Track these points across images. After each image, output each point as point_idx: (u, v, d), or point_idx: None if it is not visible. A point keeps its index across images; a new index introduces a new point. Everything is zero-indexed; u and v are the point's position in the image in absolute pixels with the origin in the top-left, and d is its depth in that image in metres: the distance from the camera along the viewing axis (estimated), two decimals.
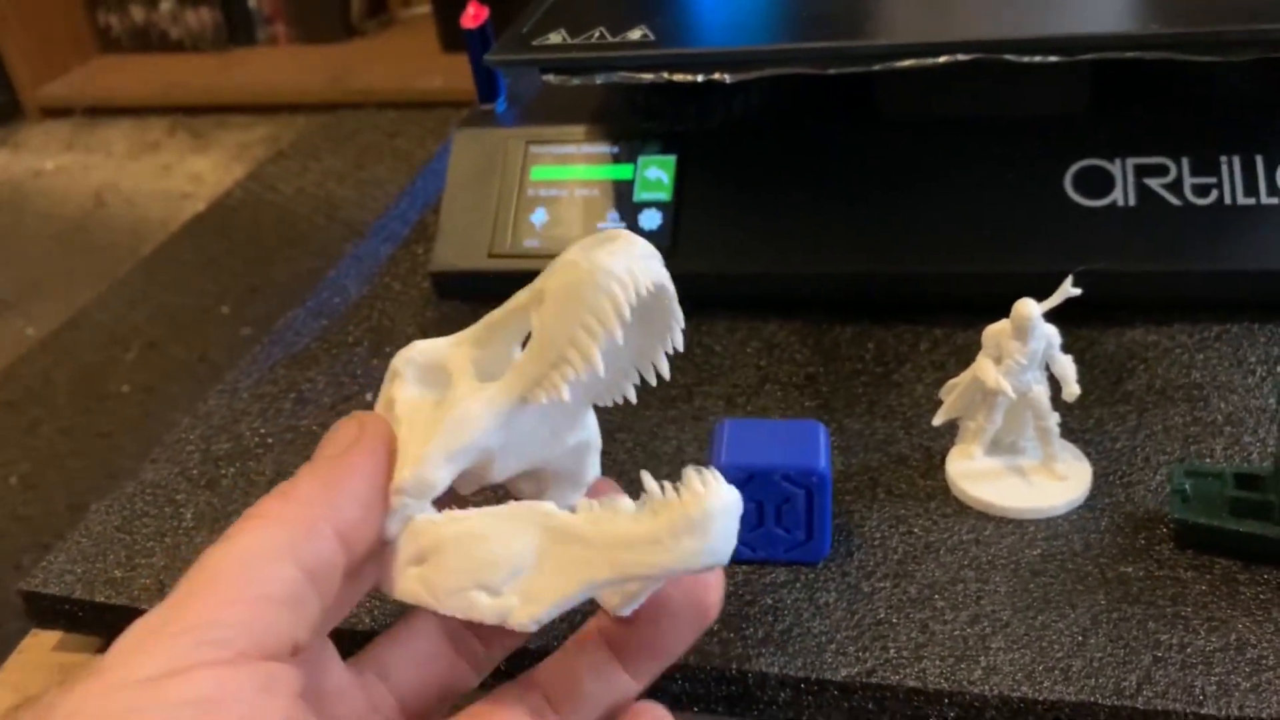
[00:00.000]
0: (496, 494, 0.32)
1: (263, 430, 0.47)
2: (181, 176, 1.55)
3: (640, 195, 0.54)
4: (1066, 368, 0.38)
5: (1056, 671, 0.32)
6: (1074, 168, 0.49)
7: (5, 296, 1.55)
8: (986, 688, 0.32)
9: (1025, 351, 0.37)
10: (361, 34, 2.28)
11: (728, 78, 0.47)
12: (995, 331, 0.38)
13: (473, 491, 0.31)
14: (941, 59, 0.44)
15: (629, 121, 0.55)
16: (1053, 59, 0.44)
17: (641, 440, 0.44)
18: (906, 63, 0.44)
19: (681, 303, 0.51)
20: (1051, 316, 0.38)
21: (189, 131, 1.86)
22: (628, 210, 0.53)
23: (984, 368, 0.38)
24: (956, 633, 0.34)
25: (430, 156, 0.76)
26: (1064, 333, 0.47)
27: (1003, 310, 0.48)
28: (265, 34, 2.29)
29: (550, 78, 0.50)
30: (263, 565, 0.25)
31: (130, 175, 1.67)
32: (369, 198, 1.46)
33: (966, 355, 0.47)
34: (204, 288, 0.91)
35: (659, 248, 0.51)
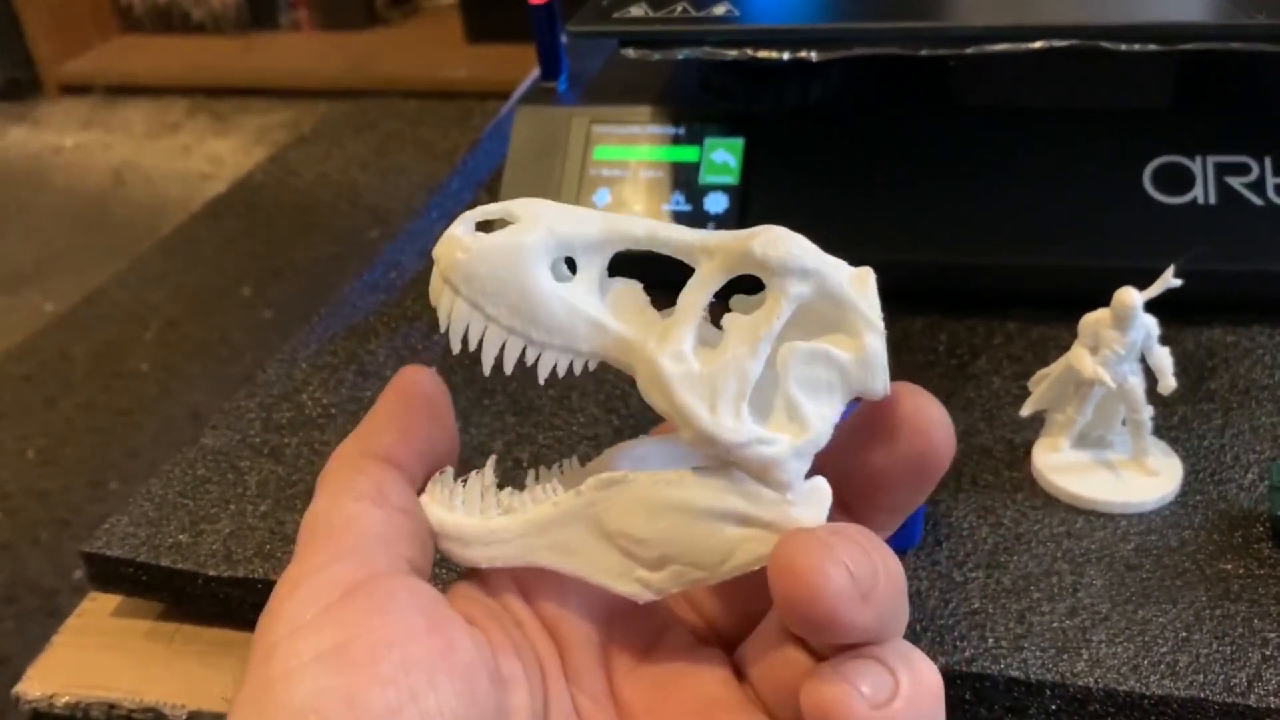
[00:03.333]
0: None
1: (325, 400, 0.46)
2: (201, 157, 1.54)
3: (706, 178, 0.53)
4: (1164, 360, 0.37)
5: (1163, 666, 0.31)
6: (1153, 164, 0.49)
7: (23, 271, 1.54)
8: (1091, 680, 0.31)
9: (1124, 342, 0.37)
10: (385, 22, 2.27)
11: (814, 56, 0.46)
12: (1093, 321, 0.37)
13: None
14: (1037, 44, 0.43)
15: (696, 102, 0.55)
16: (1150, 48, 0.43)
17: None
18: (1000, 46, 0.44)
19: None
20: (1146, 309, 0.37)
21: (209, 113, 1.85)
22: (693, 193, 0.53)
23: (1080, 357, 0.37)
24: (1055, 624, 0.33)
25: (455, 147, 0.75)
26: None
27: (1076, 305, 0.47)
28: (288, 19, 2.28)
29: (630, 51, 0.49)
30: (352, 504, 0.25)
31: (150, 155, 1.67)
32: (392, 185, 1.45)
33: (1042, 350, 0.46)
34: (223, 269, 0.90)
35: None
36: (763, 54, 0.47)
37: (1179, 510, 0.37)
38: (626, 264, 0.26)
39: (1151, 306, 0.37)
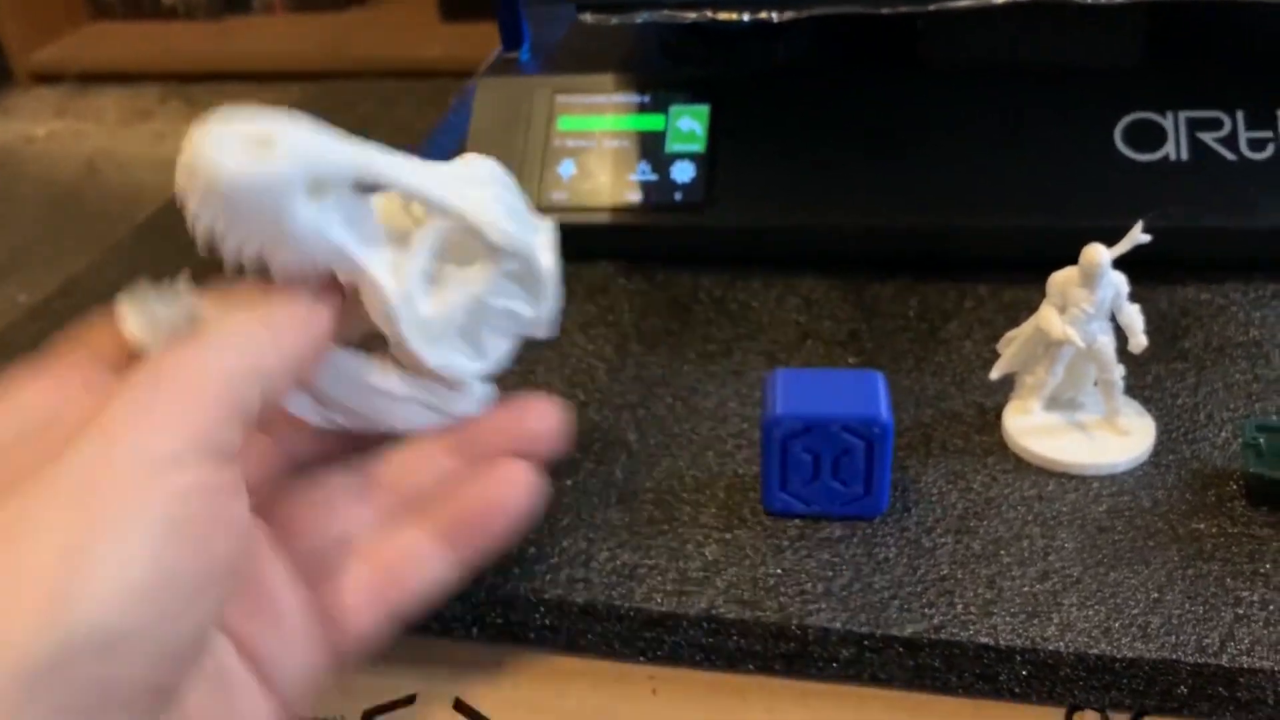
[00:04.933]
0: None
1: None
2: (175, 144, 1.49)
3: (672, 146, 0.52)
4: (1134, 318, 0.37)
5: (1134, 628, 0.31)
6: (1124, 121, 0.48)
7: None
8: (1062, 644, 0.30)
9: (1093, 300, 0.36)
10: (359, 3, 2.24)
11: (775, 16, 0.45)
12: (1061, 279, 0.37)
13: None
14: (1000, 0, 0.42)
15: (660, 69, 0.53)
16: (1119, 1, 0.42)
17: (681, 395, 0.43)
18: (963, 2, 0.43)
19: (715, 257, 0.50)
20: (1115, 267, 0.36)
21: (183, 99, 1.83)
22: (659, 162, 0.52)
23: (1048, 317, 0.37)
24: (1026, 589, 0.32)
25: (430, 126, 0.74)
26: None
27: (1048, 267, 0.46)
28: (260, 2, 2.26)
29: (587, 16, 0.48)
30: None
31: (123, 142, 1.64)
32: None
33: (1014, 313, 0.46)
34: (199, 256, 0.88)
35: (691, 201, 0.50)
36: (722, 15, 0.46)
37: (1152, 470, 0.37)
38: None
39: (1123, 265, 0.36)
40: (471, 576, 0.34)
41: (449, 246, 0.32)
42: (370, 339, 0.32)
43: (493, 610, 0.34)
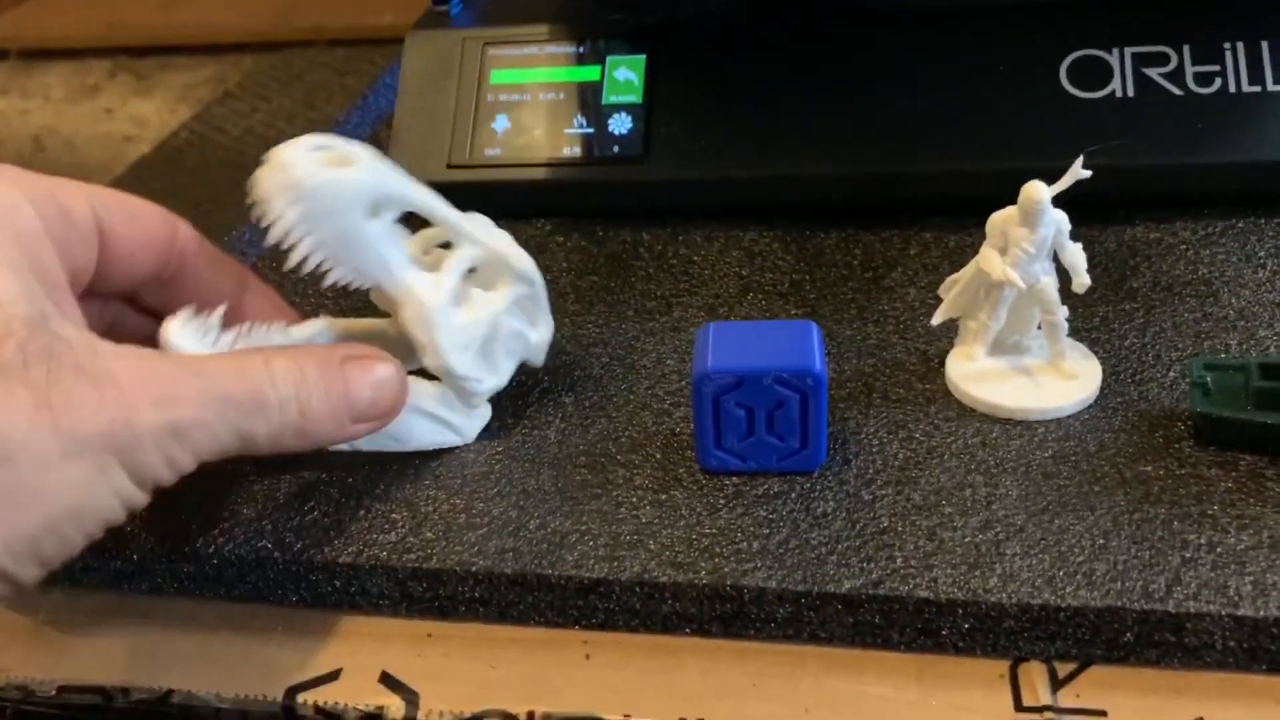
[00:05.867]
0: None
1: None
2: (124, 119, 1.47)
3: (609, 98, 0.50)
4: (1077, 256, 0.36)
5: (1079, 576, 0.30)
6: (1069, 58, 0.47)
7: None
8: (1004, 595, 0.29)
9: (1033, 239, 0.35)
10: None
11: None
12: (1000, 219, 0.35)
13: None
14: None
15: (595, 18, 0.52)
16: None
17: (619, 354, 0.41)
18: None
19: (655, 210, 0.49)
20: (1056, 205, 0.35)
21: (131, 73, 1.77)
22: (595, 115, 0.50)
23: (989, 259, 0.35)
24: (968, 539, 0.31)
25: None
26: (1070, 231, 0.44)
27: (996, 210, 0.45)
28: None
29: None
30: None
31: (70, 119, 1.59)
32: None
33: (960, 258, 0.44)
34: None
35: (630, 154, 0.49)
36: None
37: (1099, 414, 0.36)
38: None
39: (1070, 205, 0.35)
40: (398, 550, 0.33)
41: (475, 275, 0.37)
42: None
43: (419, 584, 0.33)
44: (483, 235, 0.37)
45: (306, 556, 0.33)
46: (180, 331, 0.33)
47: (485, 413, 0.38)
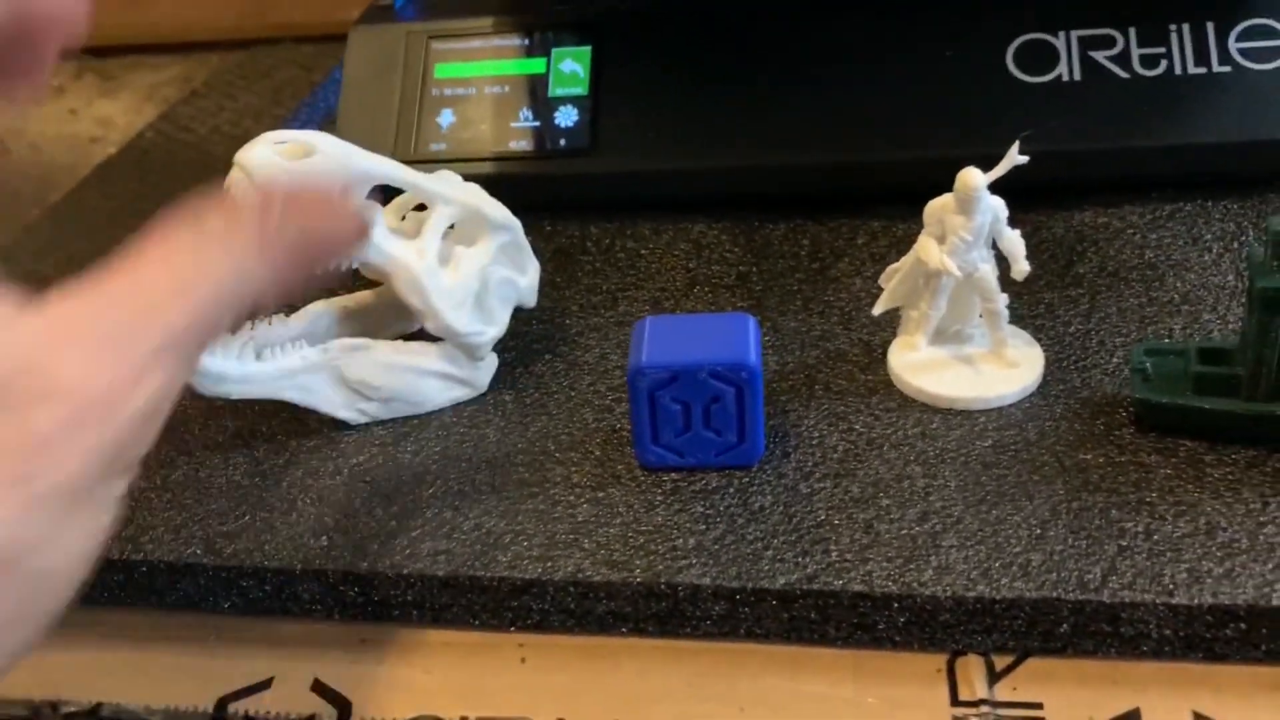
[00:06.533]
0: None
1: None
2: (89, 120, 1.46)
3: (555, 91, 0.50)
4: (1015, 243, 0.35)
5: (1015, 567, 0.29)
6: (1016, 43, 0.46)
7: None
8: (939, 588, 0.29)
9: (971, 227, 0.34)
10: None
11: None
12: (938, 207, 0.35)
13: None
14: None
15: (539, 10, 0.51)
16: None
17: (562, 350, 0.41)
18: None
19: (603, 204, 0.48)
20: (996, 193, 0.35)
21: (97, 74, 1.75)
22: (541, 108, 0.49)
23: (927, 247, 0.35)
24: (905, 532, 0.31)
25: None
26: (1009, 218, 0.44)
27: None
28: None
29: None
30: None
31: (34, 121, 1.57)
32: None
33: (907, 246, 0.44)
34: (116, 234, 0.84)
35: (577, 147, 0.48)
36: None
37: (1040, 402, 0.35)
38: None
39: (1018, 192, 0.35)
40: (329, 554, 0.33)
41: (453, 232, 0.38)
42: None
43: (351, 588, 0.32)
44: (454, 192, 0.38)
45: (237, 562, 0.33)
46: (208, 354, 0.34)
47: (492, 361, 0.39)
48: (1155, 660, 0.29)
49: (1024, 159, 0.34)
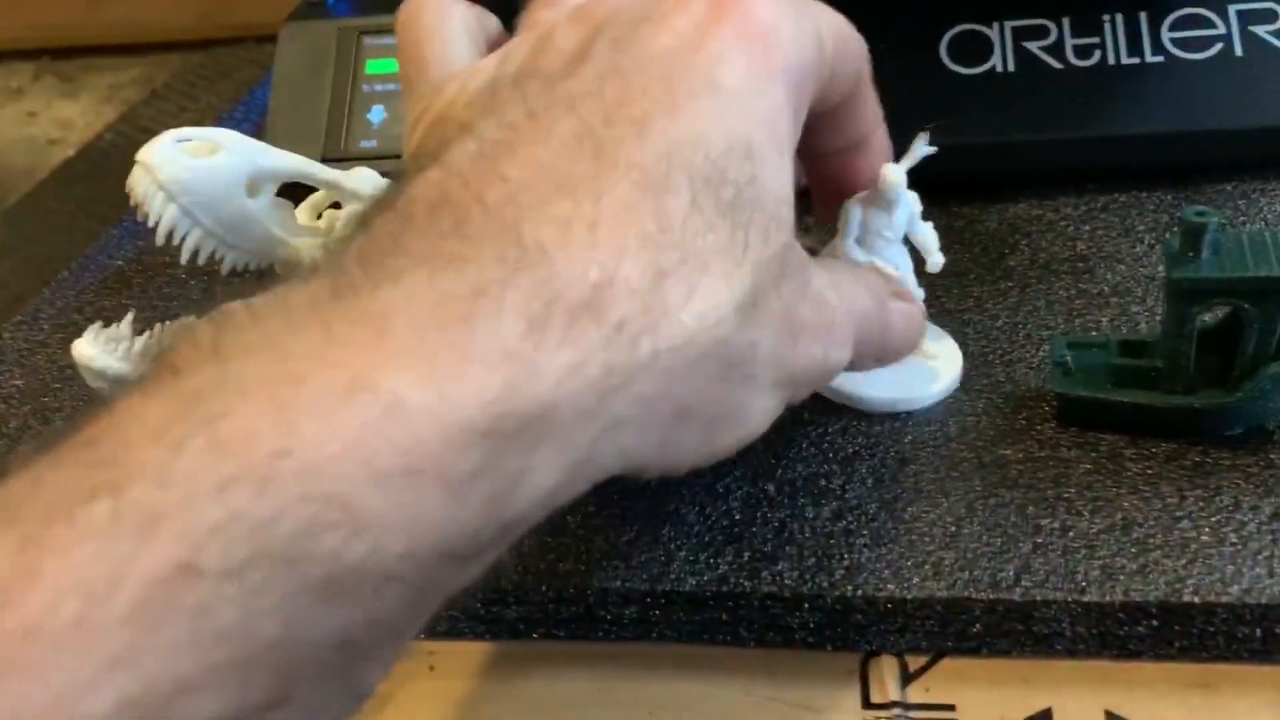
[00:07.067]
0: None
1: (63, 362, 0.42)
2: (48, 123, 1.44)
3: None
4: (928, 236, 0.34)
5: (926, 567, 0.29)
6: (950, 33, 0.46)
7: None
8: (849, 588, 0.29)
9: (893, 224, 0.34)
10: None
11: None
12: (857, 205, 0.34)
13: None
14: None
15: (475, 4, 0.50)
16: None
17: None
18: None
19: None
20: (913, 185, 0.34)
21: (55, 75, 1.73)
22: None
23: (845, 249, 0.34)
24: (818, 530, 0.30)
25: None
26: (942, 212, 0.43)
27: None
28: None
29: None
30: None
31: None
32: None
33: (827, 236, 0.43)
34: (74, 238, 0.84)
35: None
36: None
37: (963, 397, 0.35)
38: None
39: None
40: None
41: None
42: None
43: None
44: (369, 189, 0.37)
45: None
46: (94, 348, 0.34)
47: None
48: (1069, 659, 0.28)
49: (932, 149, 0.33)
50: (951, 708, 0.28)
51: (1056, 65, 0.44)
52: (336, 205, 0.38)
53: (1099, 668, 0.28)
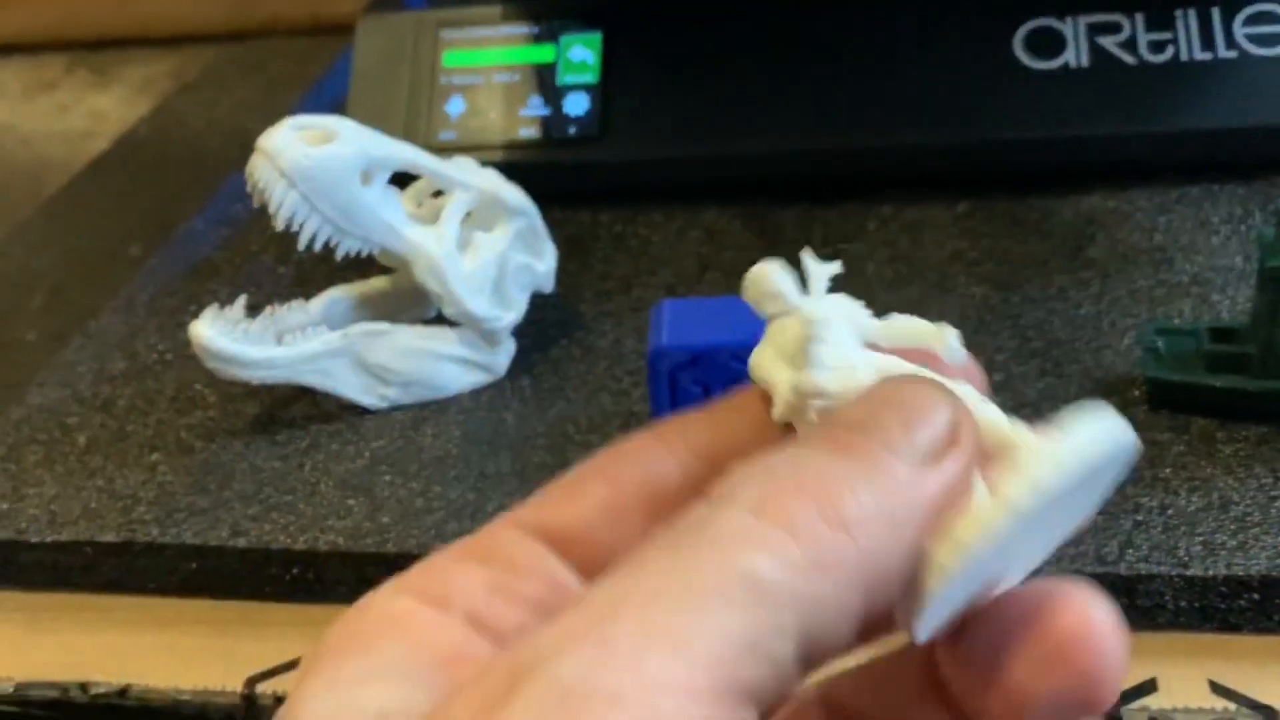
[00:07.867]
0: None
1: (161, 346, 0.43)
2: (82, 115, 1.46)
3: (564, 78, 0.50)
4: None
5: None
6: (1024, 29, 0.47)
7: None
8: None
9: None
10: None
11: None
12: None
13: None
14: None
15: None
16: None
17: (577, 336, 0.41)
18: None
19: (613, 191, 0.49)
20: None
21: (89, 68, 1.74)
22: (551, 96, 0.50)
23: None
24: None
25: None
26: (1020, 204, 0.44)
27: (952, 183, 0.45)
28: None
29: None
30: None
31: (26, 117, 1.57)
32: None
33: (917, 232, 0.45)
34: (111, 229, 0.85)
35: (586, 135, 0.48)
36: None
37: (1055, 382, 0.36)
38: None
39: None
40: (355, 535, 0.33)
41: (471, 217, 0.38)
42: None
43: (377, 570, 0.33)
44: (472, 178, 0.38)
45: (262, 545, 0.33)
46: (211, 329, 0.35)
47: (510, 346, 0.39)
48: (1171, 631, 0.29)
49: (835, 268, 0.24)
50: None
51: (1130, 61, 0.45)
52: (438, 193, 0.39)
53: (1200, 640, 0.29)
